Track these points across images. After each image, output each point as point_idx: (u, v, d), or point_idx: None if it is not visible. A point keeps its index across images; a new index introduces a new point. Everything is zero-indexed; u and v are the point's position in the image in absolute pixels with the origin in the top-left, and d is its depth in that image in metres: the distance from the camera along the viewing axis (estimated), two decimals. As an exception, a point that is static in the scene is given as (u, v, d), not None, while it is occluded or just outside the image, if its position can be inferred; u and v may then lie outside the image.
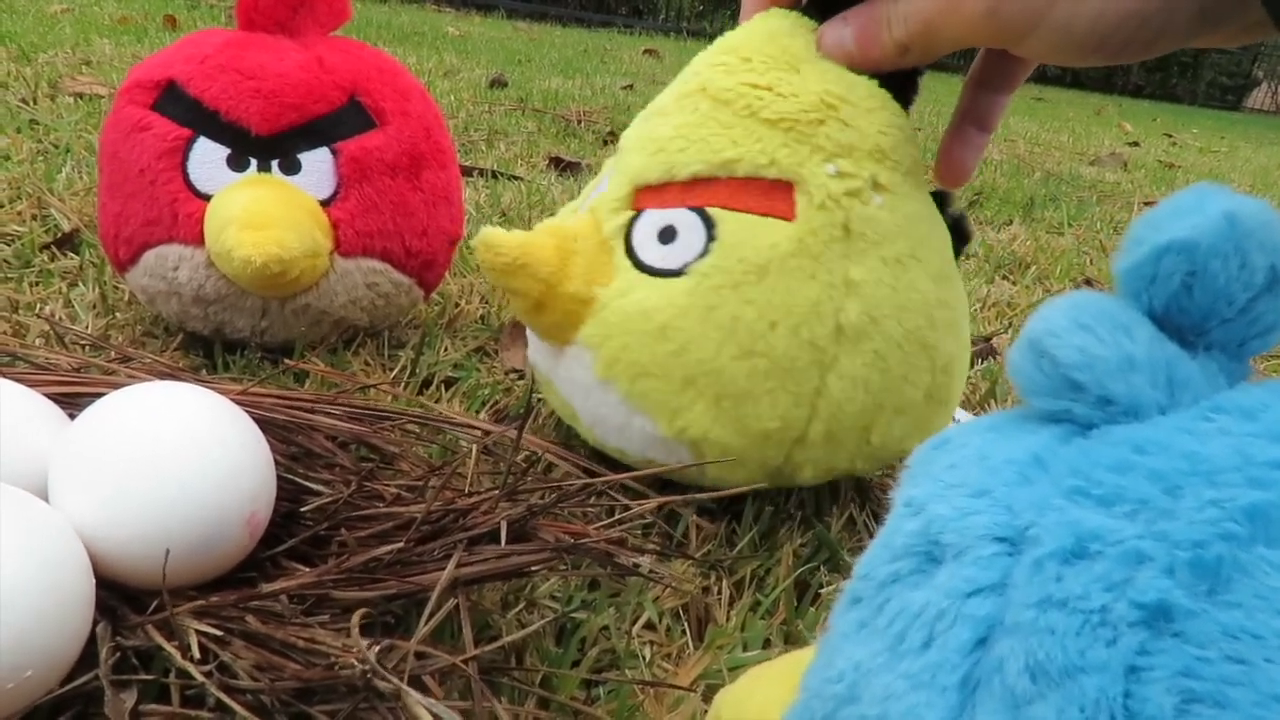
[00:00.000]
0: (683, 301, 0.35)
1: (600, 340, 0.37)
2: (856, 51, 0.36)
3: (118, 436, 0.29)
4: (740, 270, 0.35)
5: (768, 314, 0.34)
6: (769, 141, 0.35)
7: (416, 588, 0.27)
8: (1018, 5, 0.30)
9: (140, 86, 0.47)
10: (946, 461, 0.18)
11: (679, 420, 0.36)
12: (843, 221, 0.35)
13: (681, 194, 0.36)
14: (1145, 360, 0.16)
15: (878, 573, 0.16)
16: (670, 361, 0.35)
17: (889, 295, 0.35)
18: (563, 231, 0.37)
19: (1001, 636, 0.14)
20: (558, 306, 0.37)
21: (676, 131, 0.37)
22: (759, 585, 0.38)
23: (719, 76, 0.37)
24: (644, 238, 0.37)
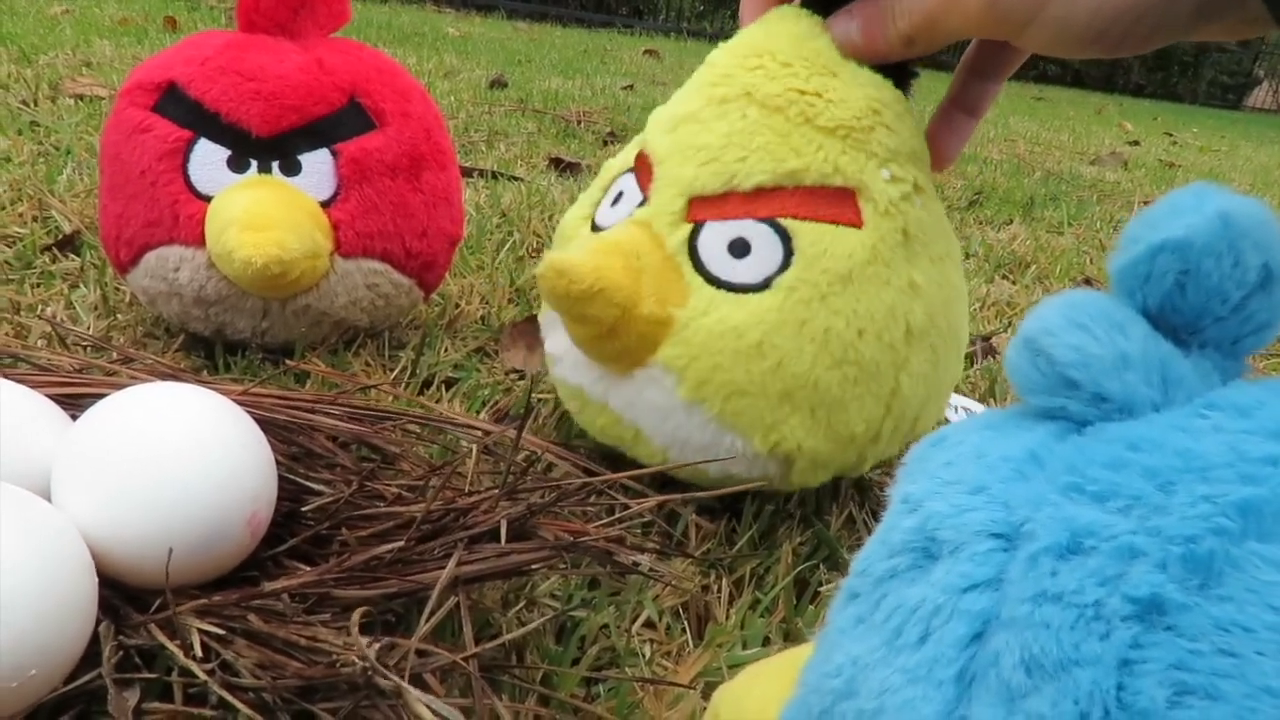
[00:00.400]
0: (774, 317, 0.35)
1: (686, 362, 0.35)
2: (863, 44, 0.36)
3: (120, 437, 0.29)
4: (826, 281, 0.34)
5: (855, 323, 0.35)
6: (830, 149, 0.35)
7: (417, 586, 0.28)
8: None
9: (141, 88, 0.47)
10: (943, 459, 0.18)
11: (774, 435, 0.36)
12: (902, 226, 0.35)
13: (746, 205, 0.35)
14: (1139, 358, 0.16)
15: (875, 569, 0.17)
16: (767, 378, 0.35)
17: (938, 292, 0.37)
18: (625, 249, 0.35)
19: (997, 631, 0.14)
20: (632, 330, 0.35)
21: (728, 140, 0.36)
22: (758, 583, 0.38)
23: (762, 82, 0.36)
24: (713, 251, 0.36)
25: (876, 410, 0.37)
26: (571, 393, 0.41)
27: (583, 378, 0.39)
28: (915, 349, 0.37)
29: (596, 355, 0.37)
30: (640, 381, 0.37)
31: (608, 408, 0.39)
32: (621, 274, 0.34)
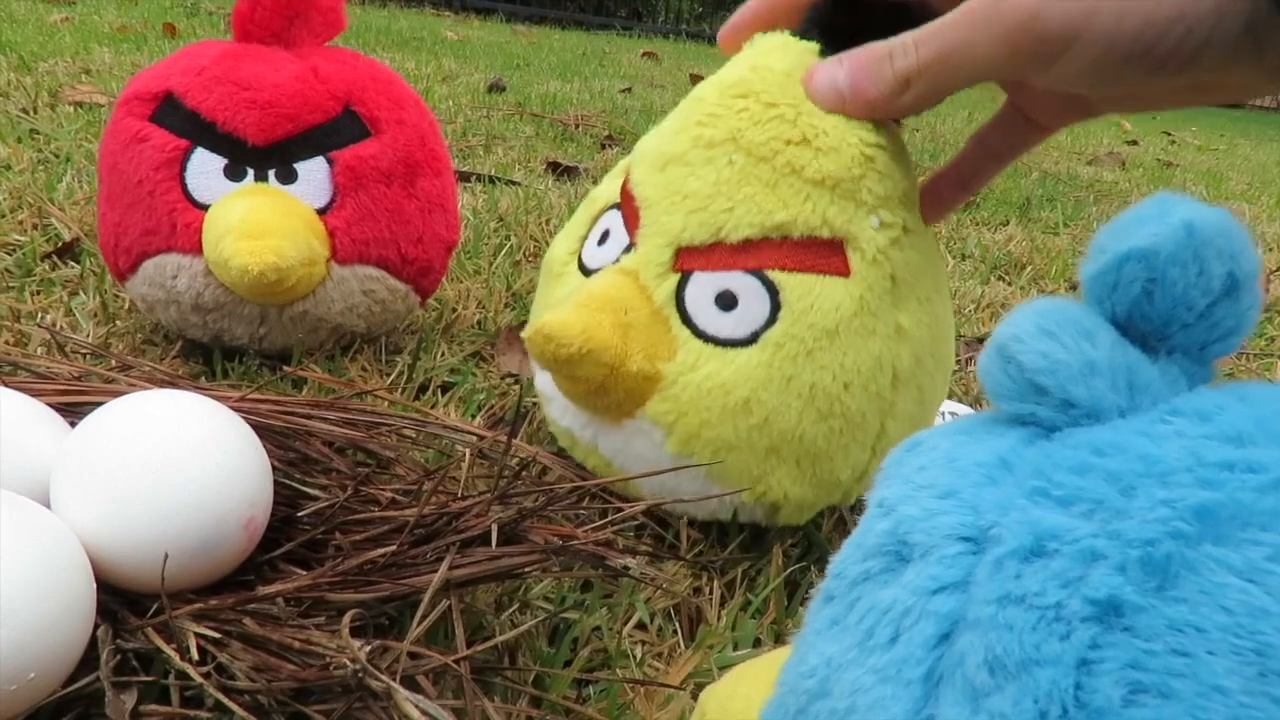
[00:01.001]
0: (761, 374, 0.35)
1: (675, 417, 0.36)
2: (849, 91, 0.34)
3: (118, 444, 0.30)
4: (812, 337, 0.34)
5: (841, 376, 0.35)
6: (818, 201, 0.34)
7: (409, 589, 0.28)
8: (1061, 10, 0.28)
9: (138, 98, 0.47)
10: (917, 464, 0.18)
11: (760, 486, 0.36)
12: (890, 273, 0.35)
13: (733, 256, 0.35)
14: (1106, 365, 0.17)
15: (849, 571, 0.17)
16: (754, 434, 0.35)
17: (926, 334, 0.37)
18: (614, 304, 0.35)
19: (963, 632, 0.15)
20: (621, 386, 0.36)
21: (715, 189, 0.35)
22: (749, 585, 0.39)
23: (749, 128, 0.35)
24: (700, 304, 0.36)
25: (862, 456, 0.37)
26: (562, 433, 0.42)
27: (572, 422, 0.40)
28: (901, 393, 0.37)
29: (586, 408, 0.38)
30: (629, 432, 0.38)
31: (597, 451, 0.40)
32: (609, 333, 0.35)
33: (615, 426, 0.38)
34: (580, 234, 0.42)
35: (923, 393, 0.38)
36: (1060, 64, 0.30)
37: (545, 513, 0.31)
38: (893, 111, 0.34)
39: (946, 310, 0.39)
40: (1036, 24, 0.29)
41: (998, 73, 0.31)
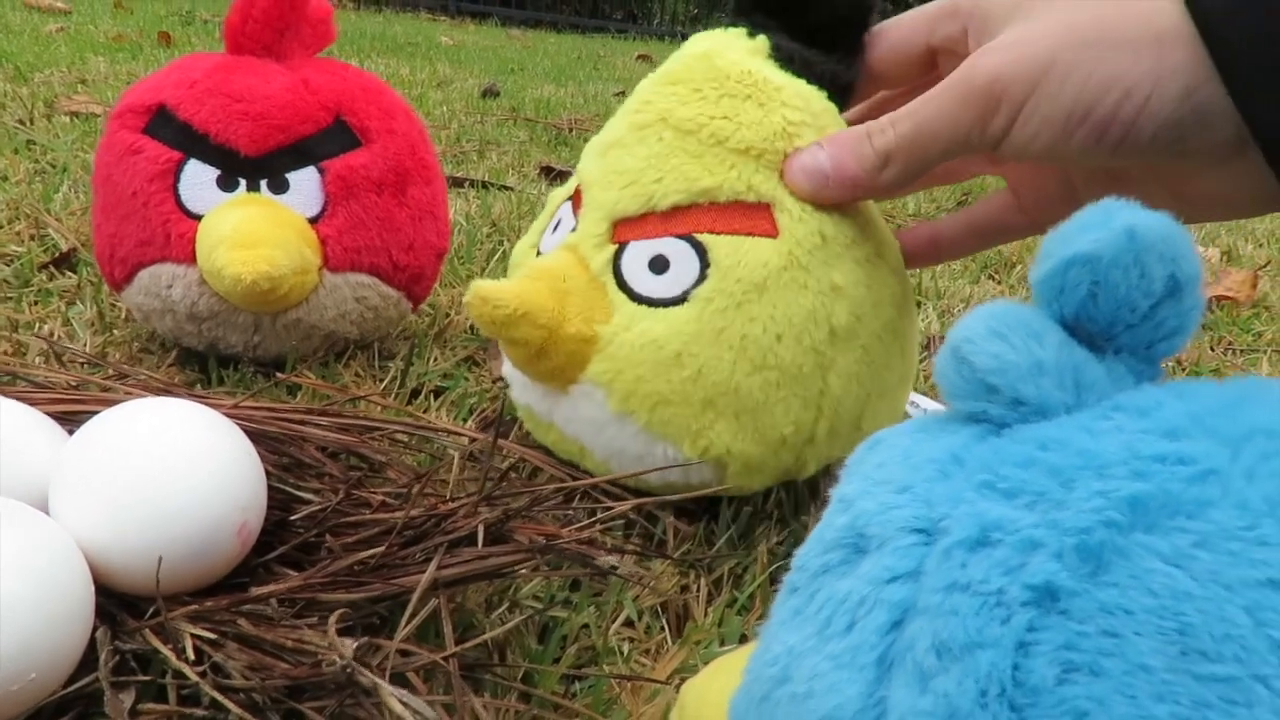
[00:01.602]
0: (691, 328, 0.36)
1: (612, 376, 0.37)
2: (832, 171, 0.35)
3: (114, 452, 0.30)
4: (740, 290, 0.36)
5: (772, 328, 0.36)
6: (743, 169, 0.36)
7: (399, 589, 0.29)
8: (1017, 74, 0.30)
9: (132, 111, 0.48)
10: (876, 460, 0.19)
11: (702, 440, 0.37)
12: (818, 229, 0.36)
13: (664, 223, 0.37)
14: (1053, 364, 0.18)
15: (811, 564, 0.18)
16: (688, 387, 0.36)
17: (866, 294, 0.38)
18: (551, 273, 0.38)
19: (914, 618, 0.15)
20: (560, 349, 0.37)
21: (646, 163, 0.37)
22: (736, 583, 0.40)
23: (676, 108, 0.37)
24: (634, 270, 0.37)
25: (805, 413, 0.38)
26: (526, 413, 0.43)
27: (530, 397, 0.42)
28: (842, 350, 0.37)
29: (533, 374, 0.40)
30: (575, 398, 0.39)
31: (554, 425, 0.41)
32: (546, 296, 0.36)
33: (564, 395, 0.40)
34: (540, 229, 0.44)
35: (869, 354, 0.38)
36: (1016, 129, 0.32)
37: (531, 513, 0.31)
38: (876, 190, 0.36)
39: (894, 277, 0.40)
40: (996, 85, 0.31)
41: (965, 140, 0.33)
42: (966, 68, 0.32)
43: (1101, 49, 0.30)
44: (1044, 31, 0.31)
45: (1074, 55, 0.30)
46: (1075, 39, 0.30)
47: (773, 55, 0.39)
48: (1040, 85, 0.31)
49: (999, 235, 0.43)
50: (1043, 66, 0.30)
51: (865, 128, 0.35)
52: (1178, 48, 0.29)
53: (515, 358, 0.39)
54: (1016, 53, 0.31)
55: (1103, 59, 0.30)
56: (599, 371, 0.38)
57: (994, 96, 0.31)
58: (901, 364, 0.41)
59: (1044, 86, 0.31)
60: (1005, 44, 0.32)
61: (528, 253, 0.44)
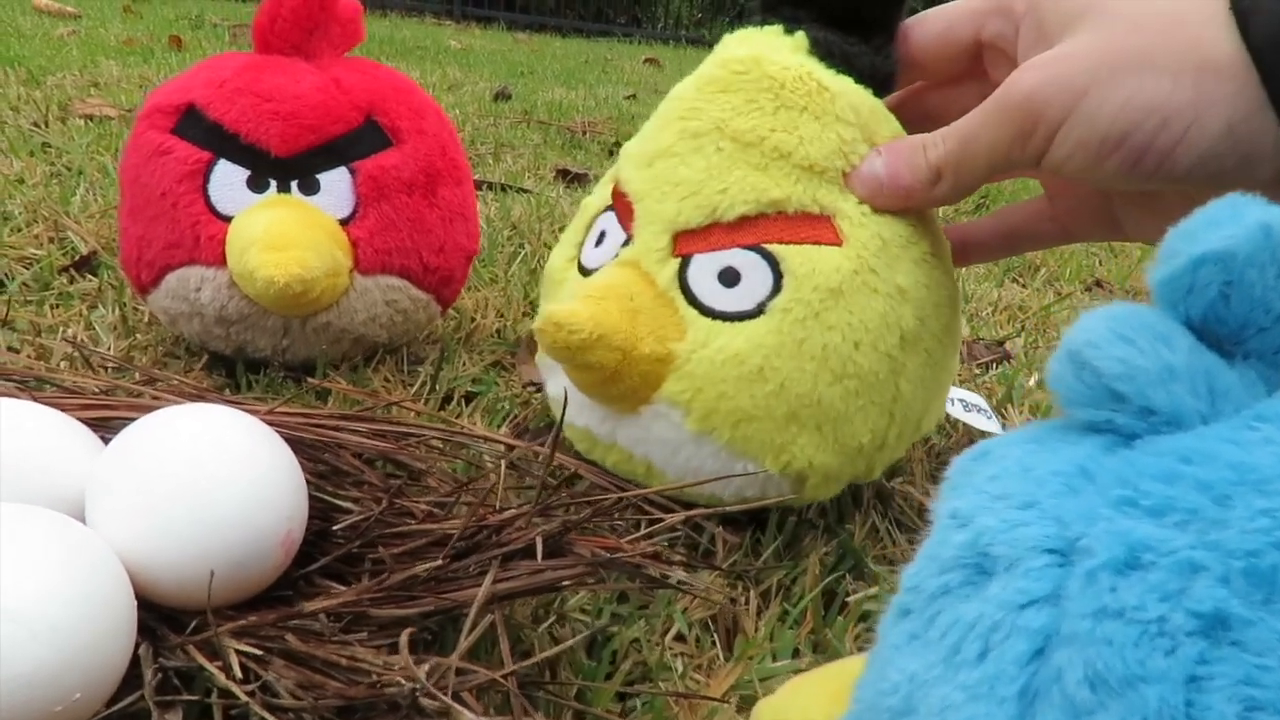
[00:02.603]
0: (772, 340, 0.35)
1: (691, 394, 0.36)
2: (886, 180, 0.35)
3: (155, 459, 0.29)
4: (818, 299, 0.35)
5: (850, 335, 0.35)
6: (808, 184, 0.36)
7: (452, 604, 0.28)
8: (1056, 92, 0.30)
9: (160, 111, 0.47)
10: (988, 473, 0.18)
11: (784, 455, 0.36)
12: (877, 232, 0.36)
13: (731, 234, 0.36)
14: (1185, 370, 0.17)
15: (927, 585, 0.17)
16: (772, 401, 0.35)
17: (927, 295, 0.37)
18: (618, 291, 0.36)
19: (1058, 647, 0.14)
20: (634, 371, 0.36)
21: (707, 174, 0.36)
22: (785, 595, 0.38)
23: (733, 118, 0.36)
24: (703, 283, 0.36)
25: (880, 419, 0.37)
26: (579, 434, 0.41)
27: (588, 419, 0.40)
28: (911, 354, 0.37)
29: (601, 399, 0.38)
30: (647, 418, 0.37)
31: (616, 445, 0.40)
32: (618, 317, 0.35)
33: (632, 416, 0.38)
34: (577, 241, 0.42)
35: (931, 356, 0.38)
36: (1053, 149, 0.31)
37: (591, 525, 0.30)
38: (929, 201, 0.36)
39: (948, 277, 0.39)
40: (1033, 102, 0.31)
41: (1007, 157, 0.33)
42: (1008, 85, 0.32)
43: (1141, 74, 0.29)
44: (1086, 50, 0.30)
45: (1112, 79, 0.29)
46: (1115, 62, 0.29)
47: (812, 50, 0.38)
48: (1076, 108, 0.30)
49: (1029, 242, 0.43)
50: (1080, 89, 0.30)
51: (921, 140, 0.35)
52: (1224, 78, 0.28)
53: (585, 383, 0.37)
54: (1055, 71, 0.30)
55: (1141, 86, 0.29)
56: (676, 391, 0.36)
57: (1031, 116, 0.31)
58: (954, 363, 0.41)
59: (1080, 109, 0.30)
60: (1047, 61, 0.31)
61: (566, 268, 0.42)
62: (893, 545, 0.43)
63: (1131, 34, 0.29)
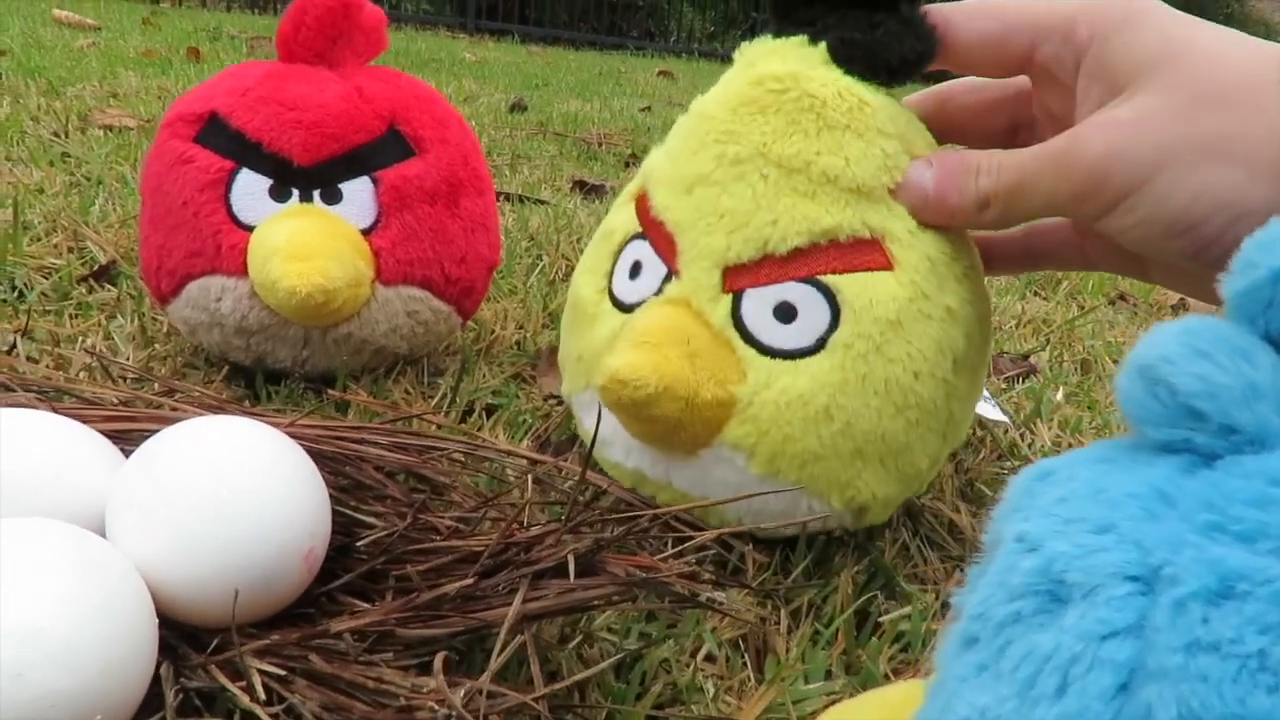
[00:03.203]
0: (835, 377, 0.34)
1: (756, 438, 0.35)
2: (934, 196, 0.34)
3: (177, 473, 0.29)
4: (879, 331, 0.34)
5: (910, 366, 0.34)
6: (857, 207, 0.35)
7: (481, 624, 0.27)
8: (1127, 162, 0.29)
9: (183, 120, 0.47)
10: (1055, 494, 0.17)
11: (849, 491, 0.35)
12: (925, 253, 0.35)
13: (783, 267, 0.35)
14: (1270, 387, 0.16)
15: (995, 613, 0.16)
16: (839, 440, 0.34)
17: (971, 312, 0.36)
18: (673, 334, 0.34)
19: (1146, 682, 0.13)
20: (696, 419, 0.34)
21: (754, 204, 0.35)
22: (816, 614, 0.38)
23: (775, 142, 0.35)
24: (759, 320, 0.35)
25: (936, 443, 0.37)
26: (628, 475, 0.40)
27: (639, 461, 0.38)
28: (961, 375, 0.36)
29: (660, 447, 0.37)
30: (707, 462, 0.36)
31: (671, 486, 0.38)
32: (680, 365, 0.34)
33: (689, 459, 0.37)
34: (604, 269, 0.41)
35: (975, 373, 0.38)
36: (1113, 216, 0.30)
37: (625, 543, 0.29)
38: (971, 225, 0.35)
39: (984, 289, 0.39)
40: (1100, 170, 0.29)
41: (1061, 209, 0.32)
42: (1075, 141, 0.30)
43: (1218, 164, 0.28)
44: (1160, 119, 0.29)
45: (1186, 163, 0.28)
46: (1191, 142, 0.28)
47: (835, 57, 0.36)
48: (1146, 185, 0.29)
49: (1051, 262, 0.42)
50: (1152, 166, 0.29)
51: (976, 162, 0.34)
52: None
53: (645, 434, 0.36)
54: (1127, 141, 0.29)
55: (1218, 178, 0.28)
56: (740, 435, 0.35)
57: (1096, 180, 0.30)
58: (986, 369, 0.40)
59: (1150, 188, 0.29)
60: (1118, 125, 0.30)
61: (599, 300, 0.40)
62: (924, 563, 0.42)
63: (1210, 109, 0.28)
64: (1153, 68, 0.30)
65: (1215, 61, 0.29)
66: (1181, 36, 0.30)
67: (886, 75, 0.36)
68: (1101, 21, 0.32)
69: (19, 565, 0.24)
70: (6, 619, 0.23)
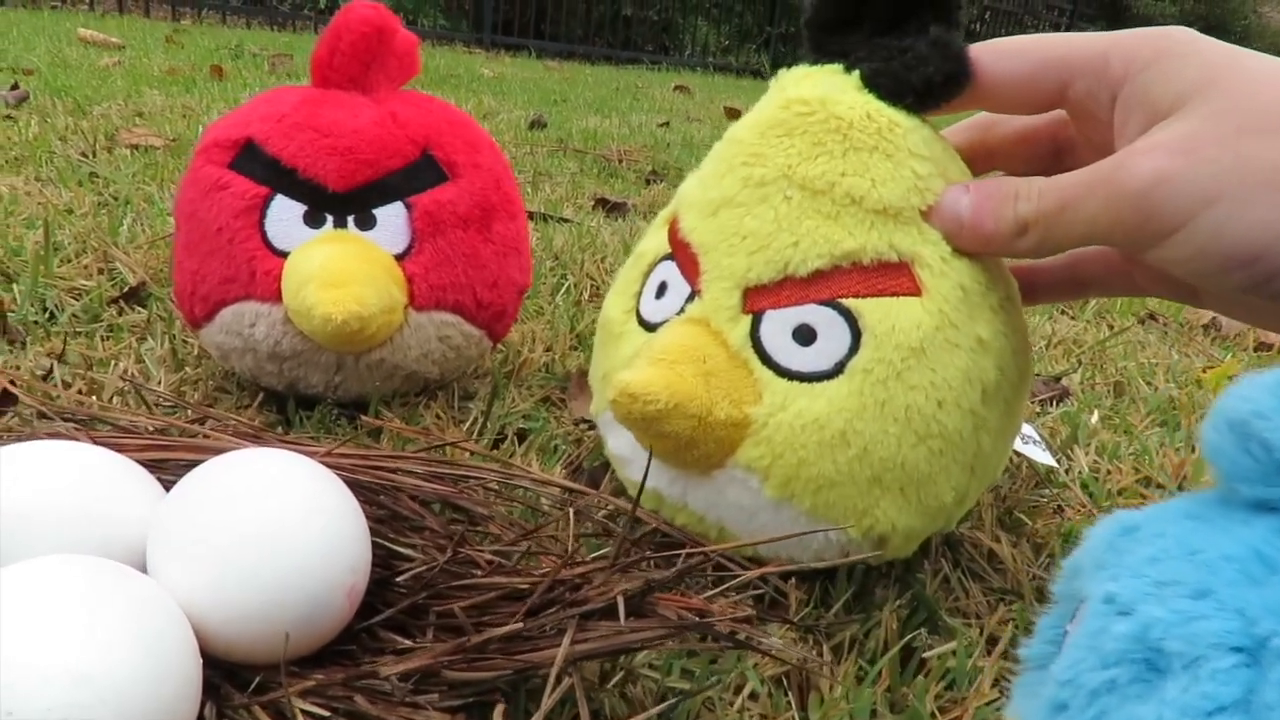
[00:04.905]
0: (853, 403, 0.33)
1: (770, 460, 0.34)
2: (969, 221, 0.33)
3: (220, 507, 0.29)
4: (899, 357, 0.33)
5: (933, 394, 0.33)
6: (883, 229, 0.34)
7: (528, 665, 0.26)
8: (1178, 191, 0.28)
9: (218, 146, 0.47)
10: (1145, 553, 0.16)
11: (867, 519, 0.35)
12: (958, 283, 0.34)
13: (804, 289, 0.34)
14: (1373, 446, 0.15)
15: (1087, 680, 0.15)
16: (855, 466, 0.34)
17: (1005, 344, 0.35)
18: (690, 353, 0.34)
19: (1260, 764, 0.13)
20: (709, 437, 0.34)
21: (776, 225, 0.35)
22: (859, 649, 0.37)
23: (799, 164, 0.35)
24: (777, 342, 0.35)
25: (962, 476, 0.36)
26: (646, 495, 0.40)
27: (657, 480, 0.38)
28: (992, 407, 0.35)
29: (674, 465, 0.37)
30: (721, 483, 0.36)
31: (687, 508, 0.38)
32: (693, 383, 0.33)
33: (704, 479, 0.37)
34: (633, 290, 0.41)
35: (1009, 406, 0.37)
36: (1164, 247, 0.29)
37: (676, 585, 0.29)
38: (1008, 252, 0.34)
39: (1021, 320, 0.38)
40: (1149, 199, 0.28)
41: (1105, 239, 0.30)
42: (1118, 165, 0.29)
43: (1277, 193, 0.27)
44: (1213, 142, 0.28)
45: (1245, 192, 0.27)
46: (1248, 172, 0.27)
47: (868, 85, 0.36)
48: (1201, 216, 0.28)
49: (1098, 289, 0.41)
50: (1208, 196, 0.27)
51: (1015, 189, 0.33)
52: None
53: (659, 450, 0.36)
54: (1178, 162, 0.28)
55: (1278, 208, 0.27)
56: (754, 457, 0.35)
57: (1144, 210, 0.28)
58: (1024, 406, 0.39)
59: (1205, 218, 0.28)
60: (1168, 146, 0.28)
61: (625, 319, 0.40)
62: (965, 596, 0.41)
63: (1262, 135, 0.27)
64: (1197, 94, 0.29)
65: (1263, 86, 0.28)
66: (1225, 63, 0.29)
67: (915, 98, 0.35)
68: (1137, 55, 0.31)
69: (69, 605, 0.24)
70: (57, 661, 0.22)
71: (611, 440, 0.41)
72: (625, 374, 0.34)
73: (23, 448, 0.30)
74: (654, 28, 5.30)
